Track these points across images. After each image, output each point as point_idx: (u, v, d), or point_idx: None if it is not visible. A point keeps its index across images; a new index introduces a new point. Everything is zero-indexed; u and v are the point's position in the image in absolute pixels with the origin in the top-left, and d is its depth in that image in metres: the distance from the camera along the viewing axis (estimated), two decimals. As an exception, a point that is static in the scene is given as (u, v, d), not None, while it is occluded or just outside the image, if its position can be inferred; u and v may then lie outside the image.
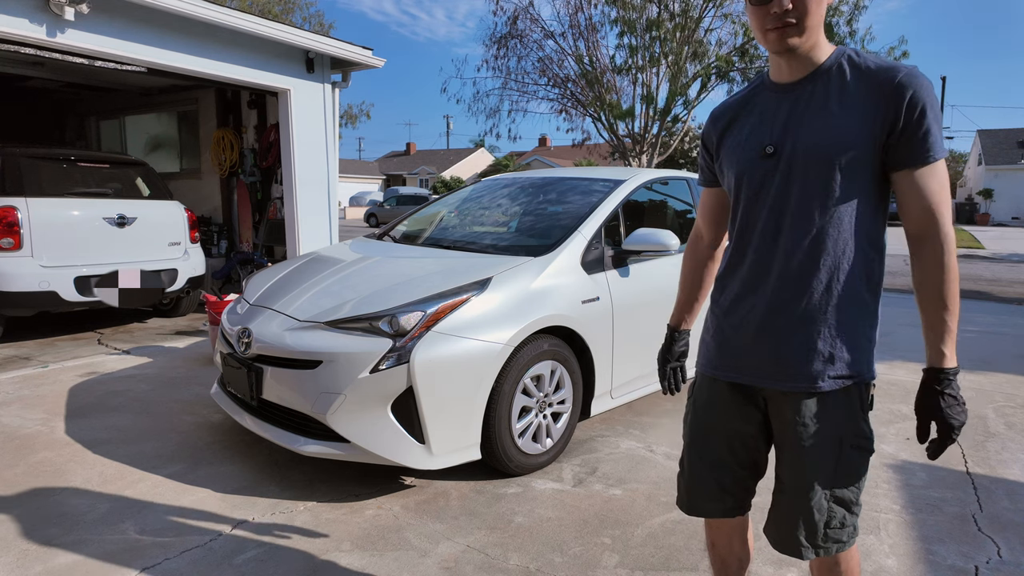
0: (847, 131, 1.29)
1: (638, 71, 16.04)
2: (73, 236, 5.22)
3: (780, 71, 1.39)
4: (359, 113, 26.66)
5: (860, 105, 1.29)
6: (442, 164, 48.13)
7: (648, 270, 3.48)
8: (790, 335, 1.36)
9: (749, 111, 1.45)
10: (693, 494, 1.59)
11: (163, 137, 9.26)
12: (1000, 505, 2.71)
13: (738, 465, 1.52)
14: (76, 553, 2.26)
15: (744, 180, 1.41)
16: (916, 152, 1.27)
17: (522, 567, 2.22)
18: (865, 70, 1.31)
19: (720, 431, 1.51)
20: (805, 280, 1.34)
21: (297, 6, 24.15)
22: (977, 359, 5.15)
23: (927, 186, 1.29)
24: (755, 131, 1.41)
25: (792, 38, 1.29)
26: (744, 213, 1.43)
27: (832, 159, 1.29)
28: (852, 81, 1.31)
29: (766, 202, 1.38)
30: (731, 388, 1.48)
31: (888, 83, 1.27)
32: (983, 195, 31.15)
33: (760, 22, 1.30)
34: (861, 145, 1.28)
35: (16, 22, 4.64)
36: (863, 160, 1.29)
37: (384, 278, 3.05)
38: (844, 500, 1.38)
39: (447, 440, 2.66)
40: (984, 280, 10.67)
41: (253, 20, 5.97)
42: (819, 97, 1.33)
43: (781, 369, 1.37)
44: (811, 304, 1.34)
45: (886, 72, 1.28)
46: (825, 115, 1.32)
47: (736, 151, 1.44)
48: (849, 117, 1.29)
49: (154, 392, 4.03)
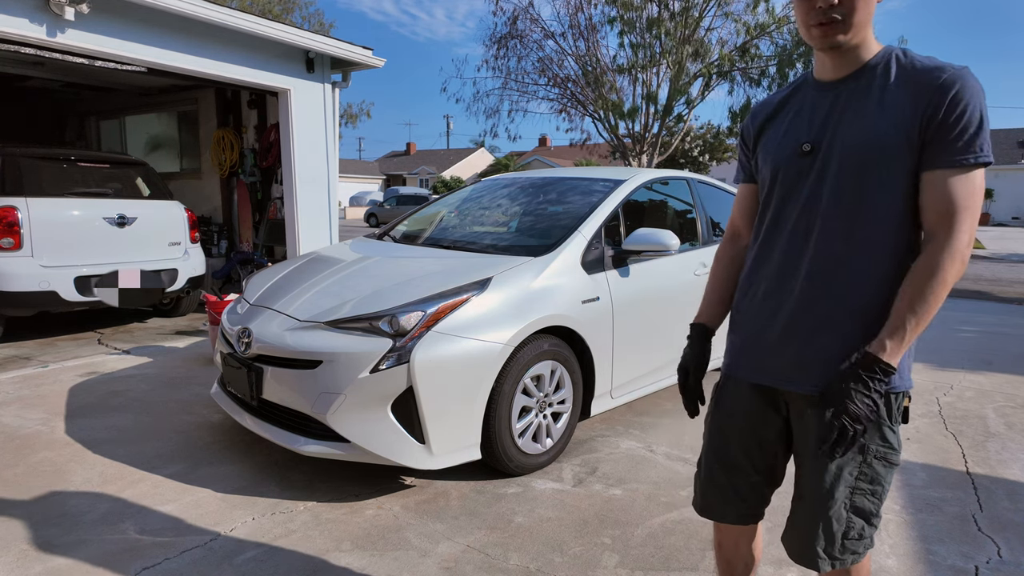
0: (886, 132, 1.24)
1: (639, 71, 16.04)
2: (73, 236, 5.22)
3: (824, 68, 1.35)
4: (359, 113, 26.71)
5: (902, 105, 1.24)
6: (442, 164, 48.14)
7: (648, 270, 3.48)
8: (815, 337, 1.32)
9: (790, 108, 1.42)
10: (707, 496, 1.56)
11: (163, 137, 9.26)
12: (1000, 505, 2.71)
13: (754, 470, 1.48)
14: (76, 553, 2.26)
15: (779, 177, 1.38)
16: (949, 153, 1.20)
17: (522, 567, 2.22)
18: (911, 69, 1.26)
19: (739, 433, 1.48)
20: (834, 281, 1.30)
21: (297, 6, 24.17)
22: (977, 359, 5.14)
23: (952, 190, 1.21)
24: (793, 128, 1.38)
25: (838, 35, 1.25)
26: (776, 210, 1.39)
27: (868, 160, 1.25)
28: (896, 80, 1.26)
29: (799, 200, 1.35)
30: (753, 390, 1.45)
31: (932, 81, 1.22)
32: (983, 195, 31.16)
33: (805, 16, 1.27)
34: (899, 147, 1.24)
35: (16, 22, 4.64)
36: (901, 162, 1.24)
37: (384, 278, 3.05)
38: (864, 511, 1.34)
39: (447, 440, 2.66)
40: (984, 280, 10.67)
41: (253, 20, 5.97)
42: (861, 96, 1.29)
43: (804, 372, 1.34)
44: (838, 307, 1.30)
45: (932, 71, 1.23)
46: (866, 115, 1.27)
47: (773, 147, 1.41)
48: (889, 118, 1.25)
49: (154, 392, 4.03)
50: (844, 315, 1.29)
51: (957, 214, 1.21)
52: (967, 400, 4.11)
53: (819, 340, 1.32)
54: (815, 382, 1.32)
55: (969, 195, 1.21)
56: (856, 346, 1.28)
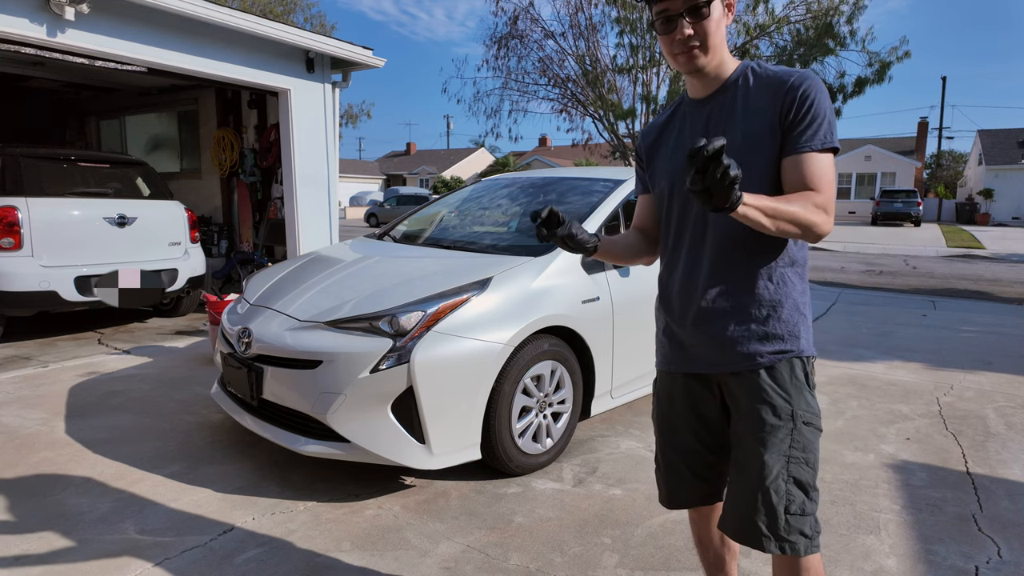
0: (751, 133, 1.41)
1: (639, 71, 16.05)
2: (73, 236, 5.22)
3: (694, 88, 1.52)
4: (359, 113, 26.70)
5: (762, 108, 1.41)
6: (442, 164, 48.12)
7: (648, 270, 3.47)
8: (727, 321, 1.45)
9: (673, 126, 1.59)
10: (670, 485, 1.66)
11: (163, 137, 9.26)
12: (1000, 505, 2.71)
13: (707, 450, 1.58)
14: (76, 553, 2.26)
15: (676, 187, 1.53)
16: (803, 139, 1.36)
17: (522, 567, 2.22)
18: (766, 77, 1.44)
19: (684, 420, 1.59)
20: (733, 270, 1.44)
21: (299, 6, 24.16)
22: (977, 359, 5.14)
23: (809, 168, 1.36)
24: (679, 143, 1.54)
25: (698, 60, 1.42)
26: (678, 217, 1.53)
27: (743, 159, 1.39)
28: (754, 88, 1.44)
29: (694, 205, 1.48)
30: (687, 379, 1.57)
31: (782, 84, 1.40)
32: (983, 195, 31.11)
33: (669, 48, 1.43)
34: (766, 143, 1.40)
35: (16, 22, 4.64)
36: (770, 156, 1.40)
37: (384, 278, 3.05)
38: (801, 482, 1.40)
39: (447, 440, 2.66)
40: (985, 280, 10.67)
41: (253, 20, 5.97)
42: (728, 106, 1.46)
43: (723, 354, 1.46)
44: (741, 291, 1.44)
45: (782, 76, 1.42)
46: (734, 121, 1.44)
47: (666, 162, 1.57)
48: (753, 120, 1.42)
49: (154, 392, 4.03)
50: (747, 297, 1.44)
51: (816, 184, 1.35)
52: (967, 400, 4.11)
53: (730, 323, 1.45)
54: (735, 361, 1.45)
55: (823, 174, 1.37)
56: (762, 321, 1.43)
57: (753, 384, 1.44)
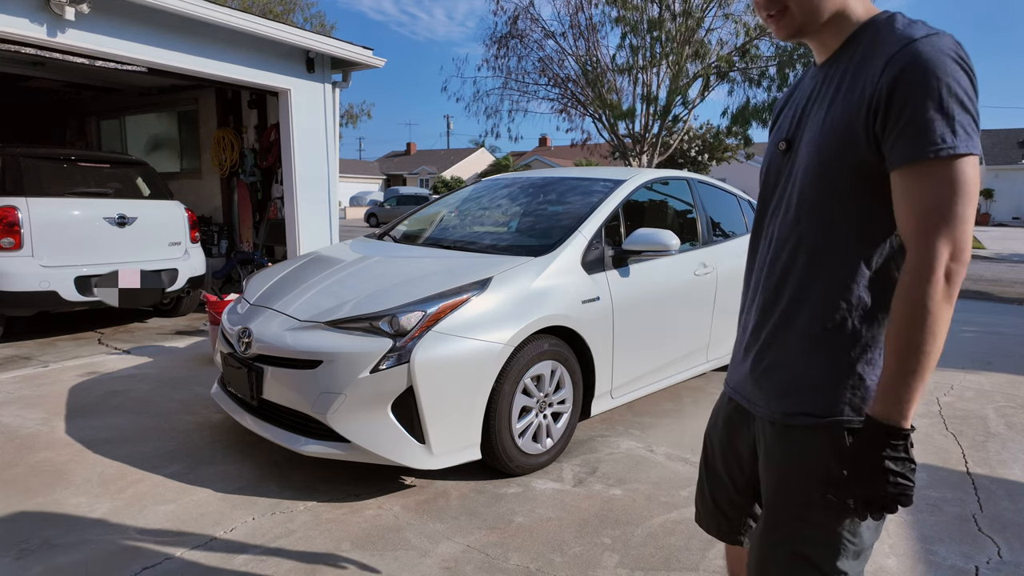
0: (838, 124, 1.06)
1: (639, 71, 16.04)
2: (73, 236, 5.22)
3: (815, 51, 1.17)
4: (359, 113, 26.65)
5: (858, 89, 1.04)
6: (442, 164, 48.12)
7: (648, 270, 3.47)
8: (763, 356, 1.20)
9: (795, 96, 1.25)
10: (696, 503, 1.51)
11: (163, 137, 9.26)
12: (1000, 505, 2.71)
13: (734, 487, 1.37)
14: (76, 553, 2.26)
15: (763, 178, 1.24)
16: (904, 146, 0.98)
17: (522, 567, 2.22)
18: (880, 41, 1.04)
19: (721, 447, 1.38)
20: (782, 299, 1.16)
21: (299, 6, 24.15)
22: (977, 359, 5.14)
23: (912, 191, 0.98)
24: (784, 120, 1.23)
25: (786, 25, 1.10)
26: (759, 215, 1.26)
27: (823, 160, 1.08)
28: (863, 57, 1.05)
29: (772, 205, 1.22)
30: (732, 405, 1.34)
31: (884, 56, 1.00)
32: (983, 195, 31.13)
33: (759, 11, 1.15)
34: (855, 141, 1.03)
35: (16, 22, 4.64)
36: (860, 160, 1.04)
37: (384, 278, 3.05)
38: (811, 562, 1.12)
39: (447, 440, 2.66)
40: (985, 280, 10.67)
41: (253, 20, 5.97)
42: (830, 82, 1.11)
43: (755, 392, 1.22)
44: (784, 326, 1.15)
45: (892, 43, 1.01)
46: (825, 105, 1.09)
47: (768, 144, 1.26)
48: (843, 106, 1.06)
49: (154, 392, 4.03)
50: (789, 336, 1.15)
51: (925, 221, 0.97)
52: (967, 400, 4.11)
53: (766, 359, 1.19)
54: (760, 405, 1.20)
55: (936, 196, 0.96)
56: (800, 374, 1.13)
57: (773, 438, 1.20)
